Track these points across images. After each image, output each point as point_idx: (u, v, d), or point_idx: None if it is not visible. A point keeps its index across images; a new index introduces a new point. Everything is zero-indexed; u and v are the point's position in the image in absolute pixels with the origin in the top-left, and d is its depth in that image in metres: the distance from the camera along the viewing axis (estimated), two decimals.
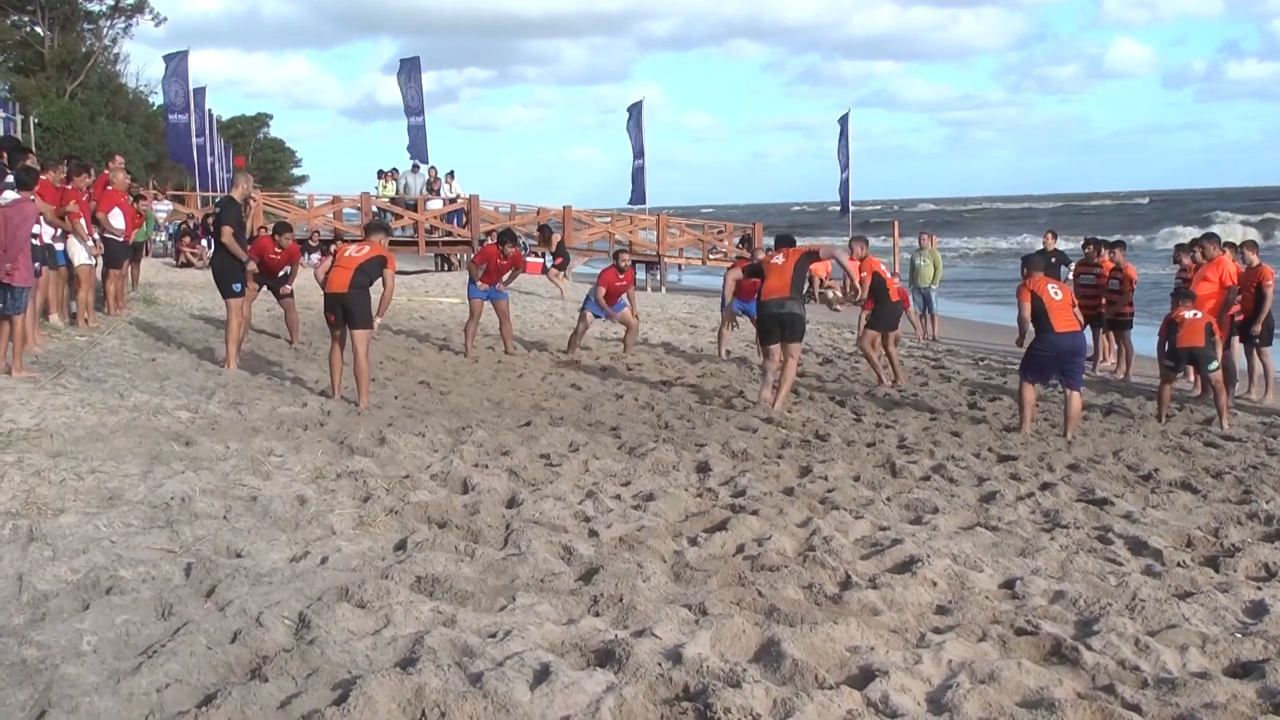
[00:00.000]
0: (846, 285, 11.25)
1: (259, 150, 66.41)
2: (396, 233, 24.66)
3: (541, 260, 23.51)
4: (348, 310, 9.16)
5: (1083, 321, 9.79)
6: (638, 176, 30.91)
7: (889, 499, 6.70)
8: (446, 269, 26.62)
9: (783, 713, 3.54)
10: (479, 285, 12.72)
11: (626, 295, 13.53)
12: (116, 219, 12.61)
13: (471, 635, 4.06)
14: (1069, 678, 3.98)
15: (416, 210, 25.58)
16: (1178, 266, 12.87)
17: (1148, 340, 15.15)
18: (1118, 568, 5.36)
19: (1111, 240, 14.36)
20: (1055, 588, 4.99)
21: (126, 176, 14.08)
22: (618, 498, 6.42)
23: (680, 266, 31.41)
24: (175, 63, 29.20)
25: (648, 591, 4.63)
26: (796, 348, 10.06)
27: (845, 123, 30.88)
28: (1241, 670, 4.15)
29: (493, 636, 4.07)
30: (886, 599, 4.74)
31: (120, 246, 12.89)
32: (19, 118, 27.52)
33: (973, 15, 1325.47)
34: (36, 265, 9.33)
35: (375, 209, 25.21)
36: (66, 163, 11.72)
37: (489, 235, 25.17)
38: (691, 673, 3.77)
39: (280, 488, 6.10)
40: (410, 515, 5.76)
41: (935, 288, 17.56)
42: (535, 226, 26.08)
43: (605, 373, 12.09)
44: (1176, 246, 13.30)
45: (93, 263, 11.68)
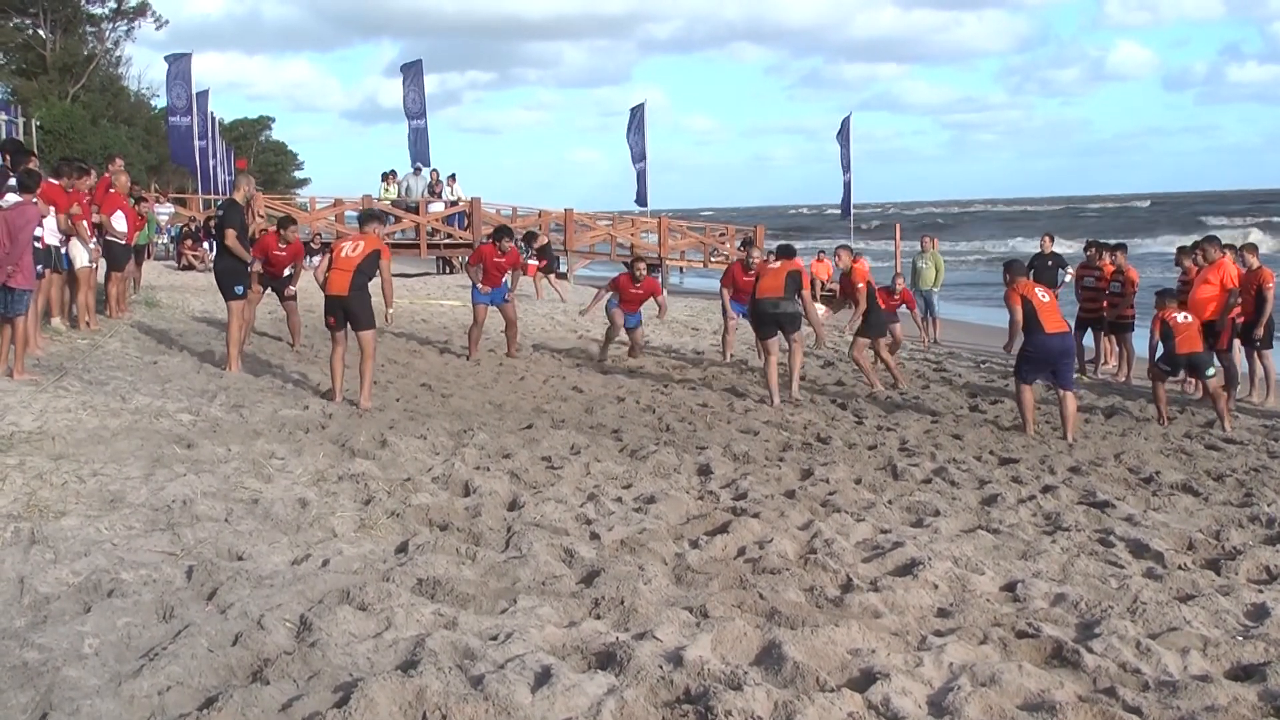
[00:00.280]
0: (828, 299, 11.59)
1: (261, 153, 66.50)
2: (398, 235, 24.68)
3: (537, 264, 23.50)
4: (350, 312, 9.18)
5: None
6: (640, 179, 30.97)
7: (890, 502, 6.70)
8: (448, 271, 26.62)
9: (784, 715, 3.55)
10: (481, 289, 12.57)
11: (655, 302, 13.07)
12: (119, 222, 12.63)
13: (473, 638, 4.06)
14: (1070, 680, 3.98)
15: (418, 213, 25.58)
16: (1179, 269, 12.86)
17: (1147, 343, 15.20)
18: (1119, 570, 5.36)
19: (1113, 243, 14.36)
20: (1056, 590, 4.99)
21: (128, 179, 14.10)
22: (619, 500, 6.42)
23: (682, 269, 31.43)
24: (177, 65, 29.23)
25: (649, 594, 4.64)
26: (799, 334, 10.70)
27: (847, 126, 30.94)
28: (1243, 673, 4.15)
29: (494, 639, 4.08)
30: (888, 602, 4.74)
31: (122, 249, 12.92)
32: (20, 120, 27.57)
33: (975, 17, 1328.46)
34: (39, 268, 9.35)
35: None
36: (66, 166, 11.74)
37: (489, 238, 25.31)
38: (692, 675, 3.77)
39: (282, 490, 6.11)
40: (412, 518, 5.77)
41: (937, 290, 17.55)
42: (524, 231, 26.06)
43: (607, 375, 12.10)
44: (1178, 249, 13.29)
45: (93, 265, 11.69)
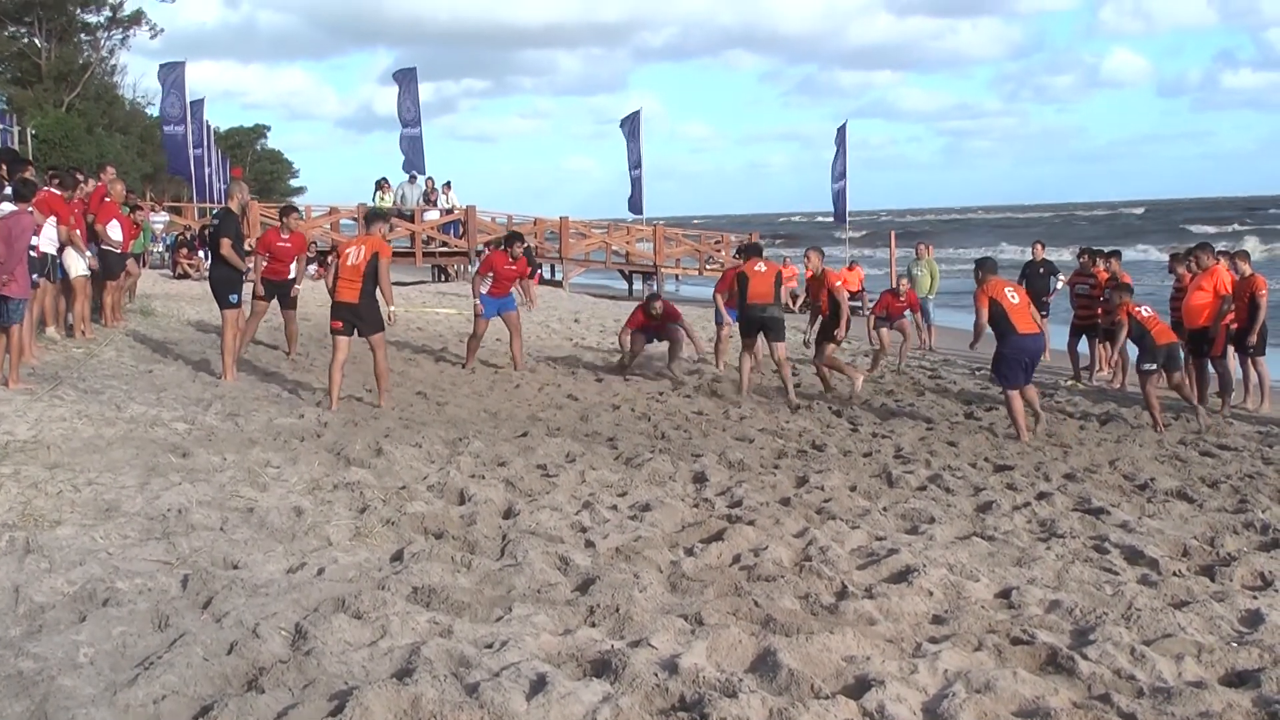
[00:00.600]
0: (798, 300, 11.86)
1: (257, 161, 66.55)
2: (393, 244, 24.66)
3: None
4: (360, 319, 9.38)
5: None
6: (635, 187, 30.99)
7: (885, 509, 6.71)
8: (443, 279, 26.64)
9: None
10: (488, 296, 12.35)
11: (683, 329, 12.79)
12: (114, 231, 12.64)
13: (468, 646, 4.07)
14: (1065, 687, 3.99)
15: (413, 221, 25.60)
16: (1173, 276, 12.90)
17: None
18: (1114, 577, 5.37)
19: (1107, 250, 14.39)
20: (1051, 597, 5.00)
21: (124, 187, 14.10)
22: (614, 508, 6.43)
23: (678, 277, 31.45)
24: (172, 74, 29.18)
25: (644, 602, 4.64)
26: (782, 345, 11.20)
27: (843, 133, 30.98)
28: (1237, 679, 4.15)
29: (489, 647, 4.08)
30: (882, 609, 4.75)
31: (117, 258, 12.92)
32: (15, 129, 27.58)
33: (970, 25, 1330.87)
34: (34, 277, 9.35)
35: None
36: (68, 176, 11.76)
37: (486, 246, 25.32)
38: (688, 683, 3.78)
39: (277, 499, 6.11)
40: (407, 526, 5.77)
41: (932, 298, 17.58)
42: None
43: (601, 384, 12.10)
44: (1171, 256, 13.34)
45: (88, 274, 11.69)
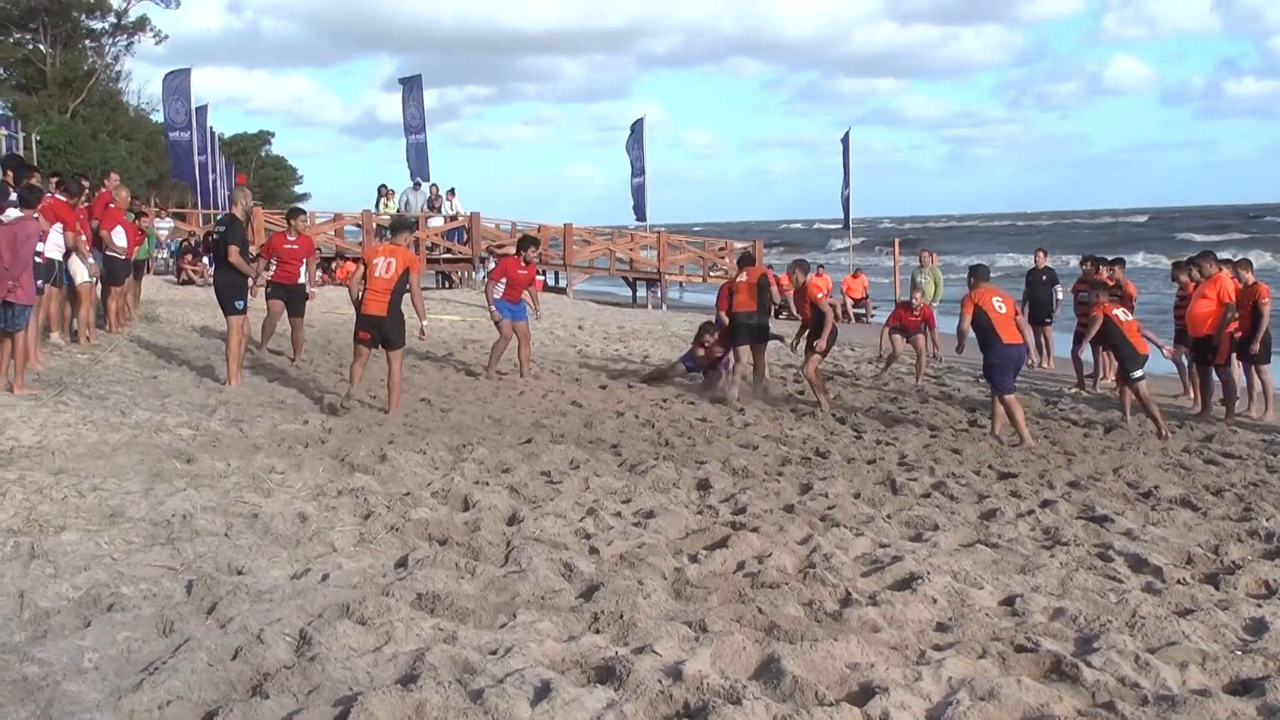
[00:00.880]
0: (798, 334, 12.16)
1: (261, 168, 66.68)
2: None
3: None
4: (385, 333, 9.58)
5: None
6: (639, 194, 31.02)
7: (889, 516, 6.71)
8: (448, 286, 26.67)
9: None
10: (502, 301, 12.35)
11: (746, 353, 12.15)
12: (119, 237, 12.67)
13: (472, 652, 4.07)
14: (1069, 695, 3.99)
15: (417, 227, 25.61)
16: (1176, 284, 12.92)
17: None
18: (1118, 585, 5.37)
19: (1110, 258, 14.39)
20: (1055, 605, 5.00)
21: (128, 194, 14.14)
22: (618, 515, 6.43)
23: (681, 284, 31.47)
24: (177, 80, 29.25)
25: (648, 608, 4.64)
26: (764, 349, 12.13)
27: (846, 141, 31.04)
28: (1242, 688, 4.15)
29: (493, 653, 4.08)
30: (887, 616, 4.75)
31: (122, 264, 12.95)
32: (20, 135, 27.64)
33: (973, 32, 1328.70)
34: (39, 283, 9.38)
35: (376, 226, 25.30)
36: (74, 184, 11.79)
37: (489, 252, 25.36)
38: (692, 690, 3.78)
39: (281, 505, 6.12)
40: (411, 532, 5.77)
41: (936, 305, 17.58)
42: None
43: (606, 391, 12.11)
44: (1174, 264, 13.35)
45: (93, 280, 11.72)
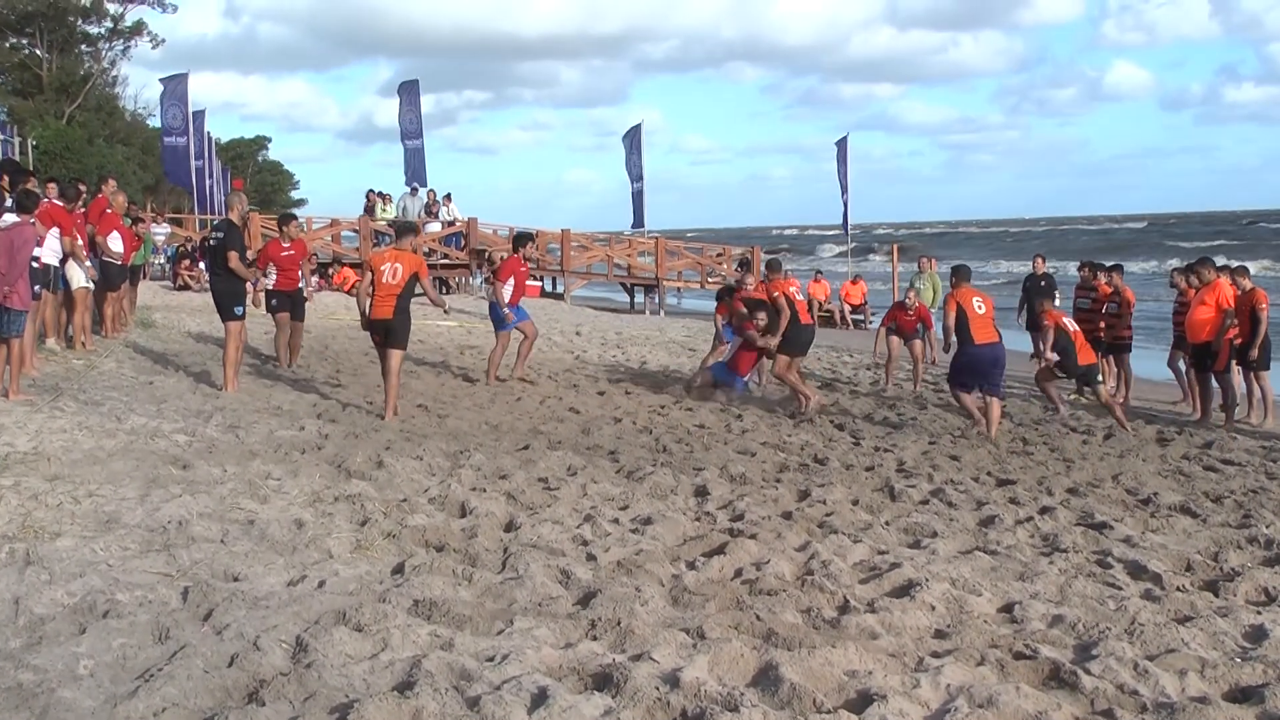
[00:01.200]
0: (759, 321, 11.72)
1: (257, 173, 66.77)
2: None
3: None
4: (389, 332, 9.86)
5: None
6: (637, 200, 31.04)
7: (887, 523, 6.71)
8: (445, 292, 26.67)
9: None
10: (507, 308, 12.32)
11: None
12: (115, 242, 12.68)
13: (469, 659, 4.07)
14: (1068, 702, 3.99)
15: (420, 230, 25.64)
16: (1175, 290, 12.94)
17: (1145, 364, 15.25)
18: (1117, 592, 5.37)
19: (1109, 264, 14.42)
20: (1054, 612, 5.00)
21: (125, 199, 14.15)
22: (616, 521, 6.43)
23: (679, 290, 31.49)
24: (174, 85, 29.26)
25: (646, 615, 4.64)
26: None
27: (844, 146, 31.07)
28: (1241, 695, 4.15)
29: (490, 660, 4.08)
30: (885, 623, 4.75)
31: (118, 269, 12.96)
32: (17, 140, 27.68)
33: (971, 38, 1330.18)
34: (36, 288, 9.38)
35: (374, 232, 25.33)
36: (71, 189, 11.80)
37: (486, 256, 25.36)
38: (689, 697, 3.78)
39: (278, 511, 6.12)
40: (408, 539, 5.77)
41: (934, 311, 17.59)
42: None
43: (603, 397, 12.12)
44: (1173, 270, 13.38)
45: (89, 286, 11.72)
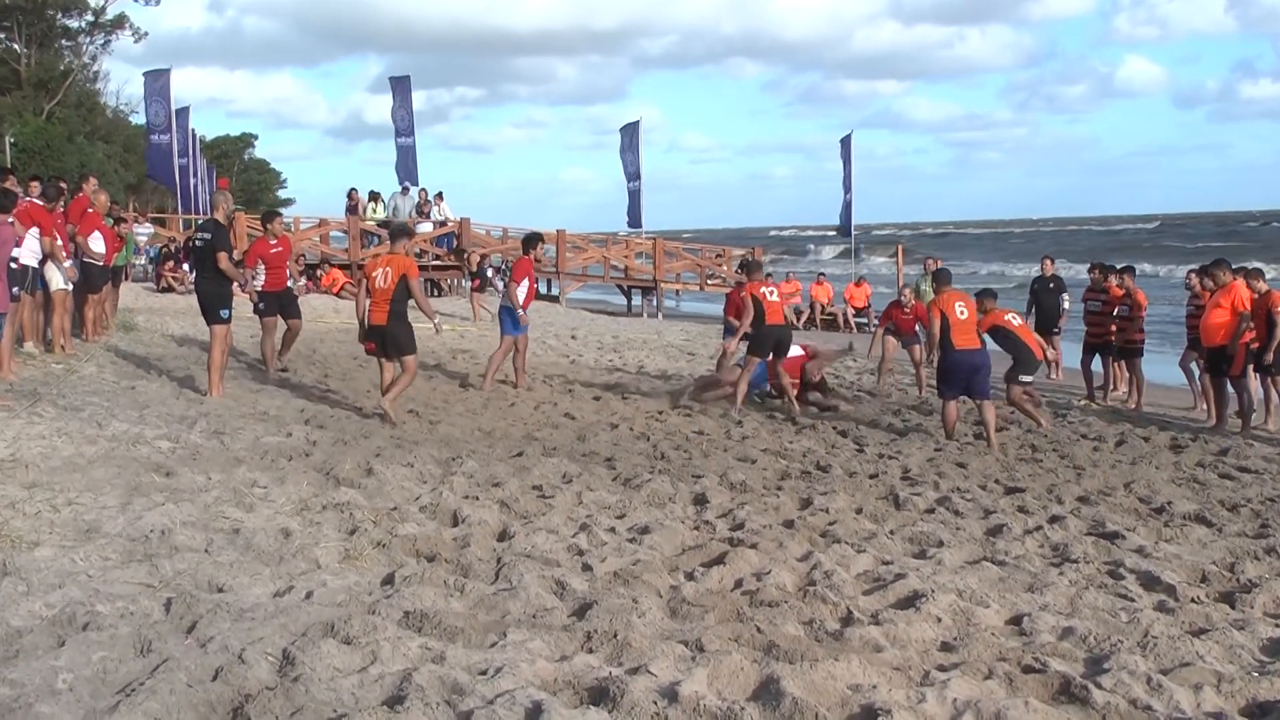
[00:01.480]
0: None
1: (243, 171, 66.83)
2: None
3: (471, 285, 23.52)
4: (390, 340, 9.94)
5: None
6: (634, 200, 31.07)
7: (892, 532, 6.72)
8: (436, 294, 26.67)
9: None
10: (520, 312, 12.38)
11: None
12: (96, 243, 12.67)
13: (461, 672, 4.06)
14: (1078, 717, 3.99)
15: (413, 234, 25.60)
16: (1189, 293, 12.97)
17: (1158, 369, 15.26)
18: (1129, 604, 5.37)
19: (1119, 266, 14.44)
20: (1064, 624, 5.00)
21: (107, 198, 14.15)
22: (612, 531, 6.43)
23: (678, 292, 31.51)
24: (156, 81, 29.24)
25: (643, 627, 4.64)
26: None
27: (848, 145, 31.11)
28: (1258, 710, 4.15)
29: (483, 674, 4.08)
30: (889, 635, 4.75)
31: (99, 271, 12.95)
32: None
33: (978, 33, 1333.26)
34: (14, 290, 9.38)
35: (364, 231, 25.33)
36: (51, 188, 11.80)
37: (481, 258, 25.34)
38: (688, 711, 3.77)
39: (264, 520, 6.11)
40: (398, 548, 5.77)
41: None
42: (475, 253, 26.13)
43: (599, 402, 12.12)
44: (1188, 272, 13.41)
45: (69, 288, 11.72)
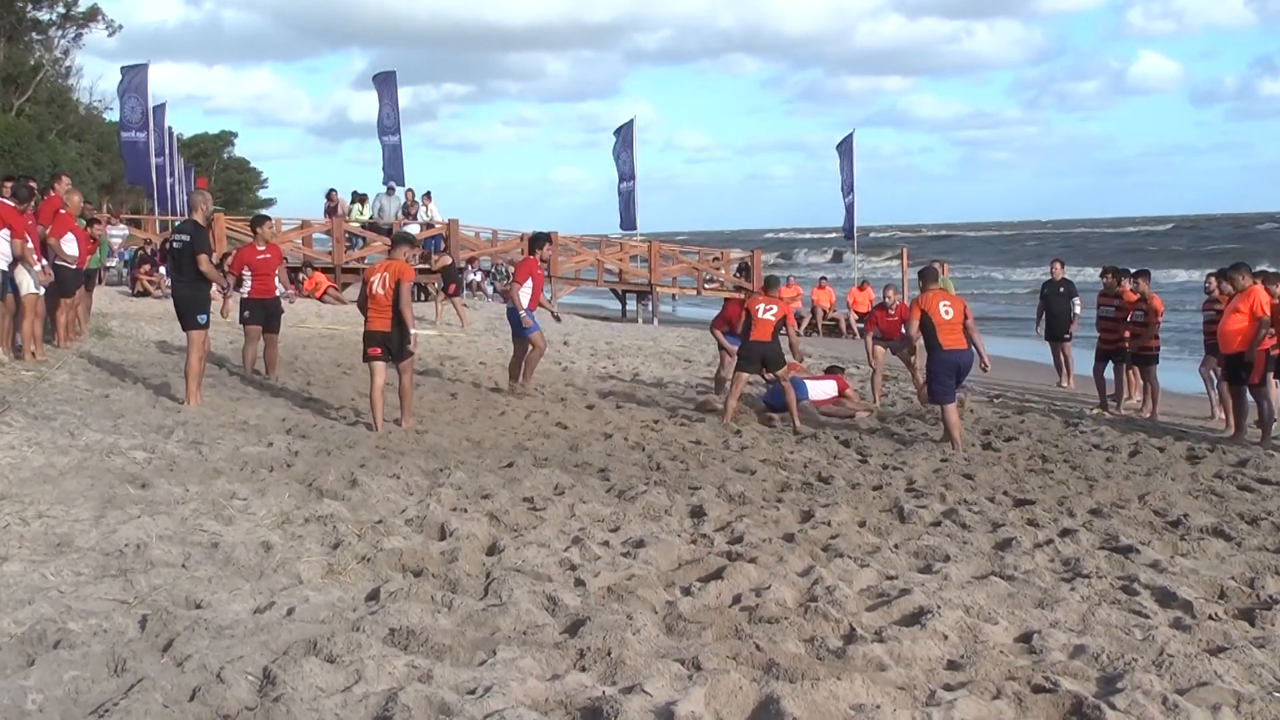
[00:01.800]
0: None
1: (223, 171, 66.85)
2: (369, 260, 24.74)
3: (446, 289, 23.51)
4: (391, 345, 10.27)
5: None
6: (627, 200, 31.11)
7: (897, 546, 6.72)
8: (423, 298, 26.66)
9: None
10: (524, 312, 12.46)
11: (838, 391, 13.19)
12: (69, 245, 12.65)
13: (449, 692, 4.06)
14: None
15: (418, 243, 25.59)
16: (1207, 297, 13.02)
17: (1174, 376, 15.29)
18: (1144, 620, 5.38)
19: (1134, 270, 14.46)
20: (1076, 642, 5.00)
21: (80, 198, 14.13)
22: (606, 544, 6.43)
23: (674, 297, 31.53)
24: (133, 77, 29.13)
25: (638, 645, 4.64)
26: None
27: (849, 144, 31.18)
28: None
29: (471, 693, 4.07)
30: (894, 653, 4.75)
31: (72, 274, 12.93)
32: None
33: (986, 27, 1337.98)
34: None
35: (347, 234, 25.33)
36: (23, 188, 11.77)
37: (468, 261, 25.39)
38: None
39: (243, 533, 6.11)
40: (383, 563, 5.76)
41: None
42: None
43: (593, 411, 12.12)
44: (1208, 275, 13.46)
45: (40, 291, 11.69)
